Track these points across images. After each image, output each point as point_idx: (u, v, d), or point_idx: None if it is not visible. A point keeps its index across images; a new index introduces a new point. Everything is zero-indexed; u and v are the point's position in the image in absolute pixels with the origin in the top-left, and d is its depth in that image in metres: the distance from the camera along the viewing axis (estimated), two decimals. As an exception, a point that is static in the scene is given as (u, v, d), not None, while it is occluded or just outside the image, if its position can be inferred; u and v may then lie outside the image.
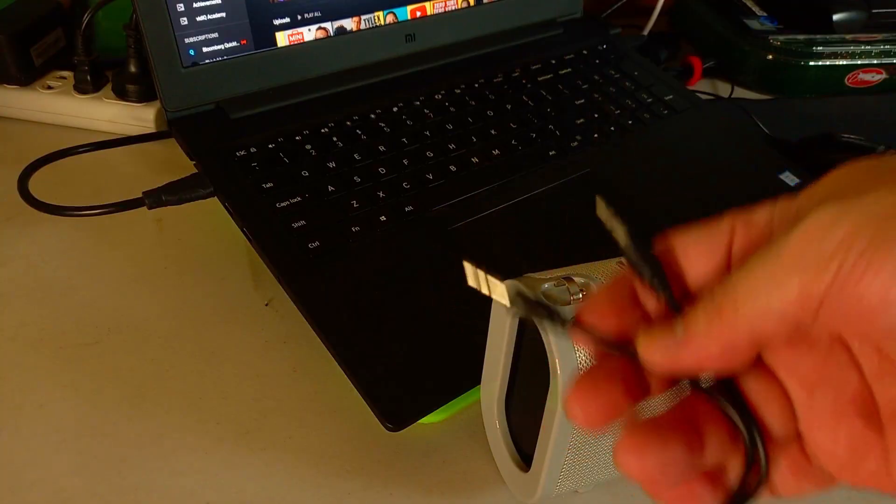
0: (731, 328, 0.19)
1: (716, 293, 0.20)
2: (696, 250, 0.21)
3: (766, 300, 0.18)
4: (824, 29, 0.69)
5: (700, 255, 0.21)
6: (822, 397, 0.20)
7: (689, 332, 0.20)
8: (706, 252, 0.21)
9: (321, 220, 0.43)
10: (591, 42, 0.64)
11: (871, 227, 0.17)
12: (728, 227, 0.21)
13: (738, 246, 0.21)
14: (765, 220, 0.21)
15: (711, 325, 0.19)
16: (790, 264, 0.18)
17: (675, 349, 0.20)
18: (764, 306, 0.18)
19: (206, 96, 0.49)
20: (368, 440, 0.38)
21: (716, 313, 0.19)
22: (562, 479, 0.31)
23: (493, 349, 0.33)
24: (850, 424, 0.20)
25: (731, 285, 0.19)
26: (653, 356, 0.20)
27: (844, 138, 0.59)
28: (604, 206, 0.22)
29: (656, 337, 0.20)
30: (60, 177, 0.52)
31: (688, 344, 0.20)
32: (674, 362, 0.20)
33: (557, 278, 0.29)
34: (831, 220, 0.18)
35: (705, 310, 0.20)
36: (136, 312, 0.44)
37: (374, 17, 0.54)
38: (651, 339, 0.20)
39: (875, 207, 0.17)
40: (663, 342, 0.20)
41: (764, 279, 0.18)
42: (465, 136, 0.51)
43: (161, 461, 0.36)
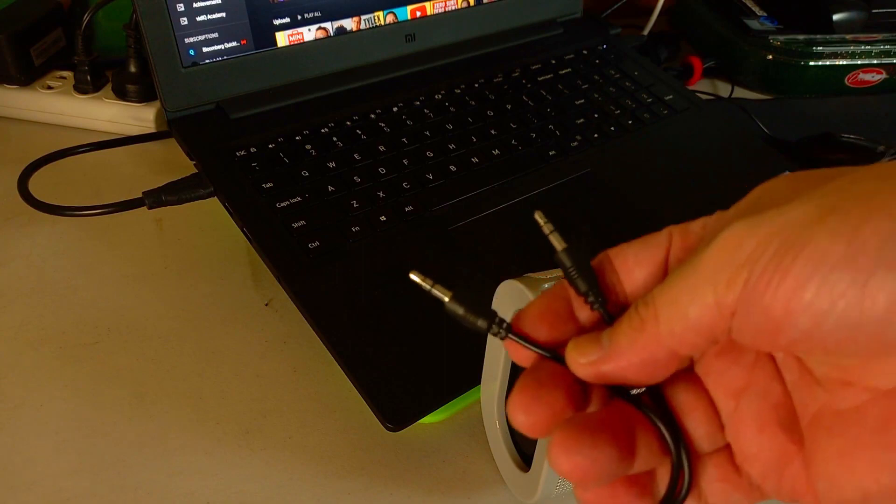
0: (652, 340, 0.19)
1: (639, 306, 0.20)
2: (635, 260, 0.22)
3: (683, 311, 0.19)
4: (824, 29, 0.69)
5: (638, 265, 0.22)
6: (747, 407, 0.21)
7: (613, 343, 0.20)
8: (644, 261, 0.21)
9: (321, 220, 0.43)
10: (591, 42, 0.64)
11: (777, 238, 0.17)
12: (666, 237, 0.21)
13: (675, 254, 0.21)
14: (700, 228, 0.21)
15: (634, 337, 0.20)
16: (705, 276, 0.18)
17: (599, 360, 0.20)
18: (682, 318, 0.19)
19: (206, 96, 0.49)
20: (368, 440, 0.38)
21: (638, 325, 0.20)
22: (562, 479, 0.31)
23: (493, 349, 0.33)
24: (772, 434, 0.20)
25: (652, 297, 0.20)
26: (578, 366, 0.21)
27: (844, 138, 0.59)
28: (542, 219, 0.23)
29: (582, 348, 0.21)
30: (60, 177, 0.52)
31: (611, 355, 0.20)
32: (598, 373, 0.20)
33: (557, 278, 0.29)
34: (743, 233, 0.18)
35: (629, 322, 0.20)
36: (136, 312, 0.44)
37: (374, 17, 0.54)
38: (577, 349, 0.21)
39: (782, 218, 0.18)
40: (588, 353, 0.21)
41: (682, 291, 0.19)
42: (465, 136, 0.51)
43: (161, 461, 0.36)
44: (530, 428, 0.21)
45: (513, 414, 0.21)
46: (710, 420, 0.22)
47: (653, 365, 0.20)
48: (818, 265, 0.17)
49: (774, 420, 0.20)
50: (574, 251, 0.22)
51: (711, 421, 0.22)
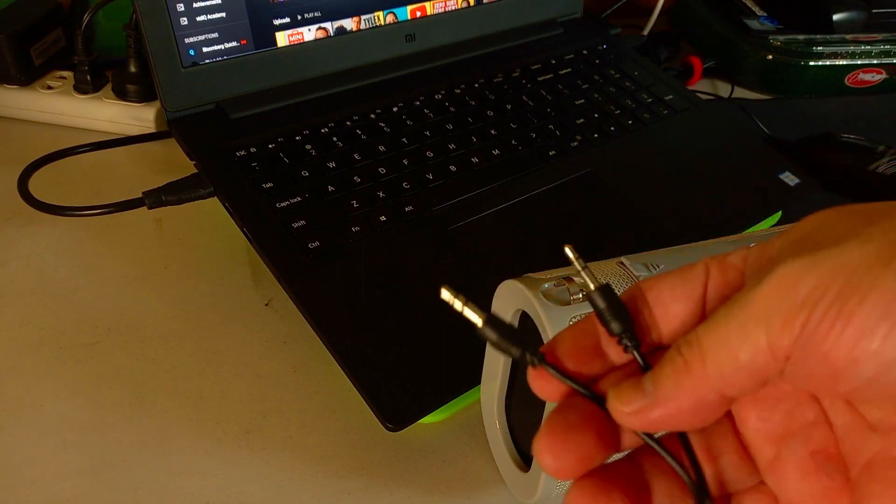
0: (700, 383, 0.19)
1: (682, 347, 0.19)
2: (671, 295, 0.21)
3: (734, 354, 0.18)
4: (824, 29, 0.69)
5: (674, 300, 0.21)
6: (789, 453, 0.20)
7: (659, 389, 0.19)
8: (680, 297, 0.21)
9: (321, 220, 0.43)
10: (591, 42, 0.64)
11: (837, 281, 0.16)
12: (703, 270, 0.21)
13: (713, 289, 0.20)
14: (739, 262, 0.20)
15: (680, 381, 0.19)
16: (757, 317, 0.17)
17: (645, 408, 0.19)
18: (732, 360, 0.18)
19: (206, 96, 0.49)
20: (368, 440, 0.38)
21: (684, 367, 0.19)
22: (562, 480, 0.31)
23: (493, 349, 0.33)
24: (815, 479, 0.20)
25: (698, 338, 0.19)
26: (623, 415, 0.20)
27: (844, 138, 0.59)
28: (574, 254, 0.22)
29: (625, 396, 0.20)
30: (60, 177, 0.52)
31: (658, 402, 0.19)
32: (645, 419, 0.19)
33: (557, 278, 0.29)
34: (799, 273, 0.17)
35: (673, 365, 0.19)
36: (136, 312, 0.44)
37: (374, 17, 0.54)
38: (620, 398, 0.20)
39: (842, 260, 0.17)
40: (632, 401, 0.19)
41: (731, 331, 0.18)
42: (465, 136, 0.51)
43: (161, 461, 0.36)
44: (558, 472, 0.20)
45: (540, 457, 0.20)
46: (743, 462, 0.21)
47: (702, 409, 0.19)
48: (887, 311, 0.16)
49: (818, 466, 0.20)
50: (608, 290, 0.21)
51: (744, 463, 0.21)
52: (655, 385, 0.19)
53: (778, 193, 0.51)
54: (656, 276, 0.21)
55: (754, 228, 0.49)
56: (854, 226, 0.18)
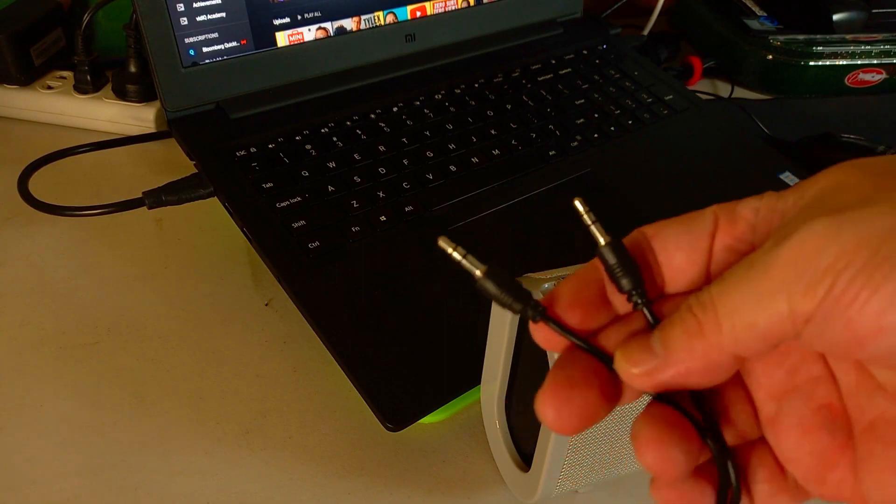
0: (713, 346, 0.18)
1: (695, 308, 0.19)
2: (675, 244, 0.20)
3: (751, 318, 0.17)
4: (824, 29, 0.69)
5: (679, 250, 0.20)
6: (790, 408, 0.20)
7: (669, 349, 0.19)
8: (685, 247, 0.20)
9: (321, 220, 0.43)
10: (591, 42, 0.64)
11: (867, 247, 0.16)
12: (710, 220, 0.20)
13: (721, 241, 0.20)
14: (750, 215, 0.20)
15: (692, 343, 0.18)
16: (778, 282, 0.17)
17: (655, 367, 0.19)
18: (748, 325, 0.17)
19: (206, 96, 0.49)
20: (368, 440, 0.38)
21: (696, 329, 0.18)
22: (562, 479, 0.31)
23: (493, 349, 0.33)
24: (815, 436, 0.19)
25: (712, 300, 0.18)
26: (632, 375, 0.19)
27: (844, 138, 0.59)
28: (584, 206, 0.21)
29: (633, 356, 0.19)
30: (60, 177, 0.52)
31: (668, 363, 0.19)
32: (654, 380, 0.19)
33: (557, 278, 0.29)
34: (824, 237, 0.16)
35: (684, 326, 0.19)
36: (136, 312, 0.44)
37: (374, 17, 0.54)
38: (628, 358, 0.19)
39: (872, 225, 0.16)
40: (642, 362, 0.19)
41: (749, 296, 0.17)
42: (465, 136, 0.51)
43: (161, 461, 0.36)
44: (561, 427, 0.19)
45: (543, 411, 0.19)
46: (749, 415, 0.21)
47: (713, 370, 0.19)
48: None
49: (818, 423, 0.19)
50: (618, 245, 0.20)
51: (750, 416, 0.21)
52: (665, 346, 0.19)
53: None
54: (661, 221, 0.21)
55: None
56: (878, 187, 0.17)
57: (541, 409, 0.20)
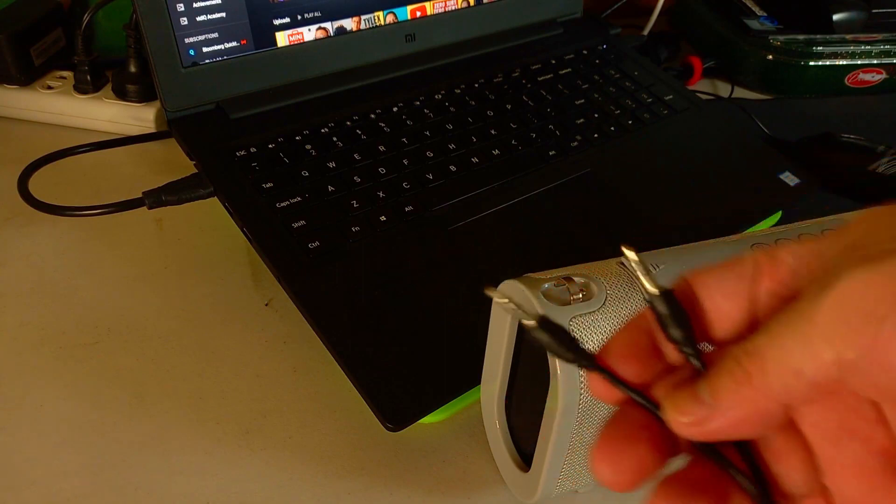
0: (761, 393, 0.18)
1: (741, 357, 0.19)
2: (720, 292, 0.20)
3: (797, 367, 0.18)
4: (824, 29, 0.69)
5: (724, 298, 0.20)
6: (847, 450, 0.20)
7: (718, 398, 0.19)
8: (730, 294, 0.20)
9: (321, 220, 0.43)
10: (591, 42, 0.64)
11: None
12: (751, 266, 0.20)
13: (766, 287, 0.20)
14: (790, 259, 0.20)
15: (741, 391, 0.19)
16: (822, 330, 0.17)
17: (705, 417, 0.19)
18: (795, 374, 0.18)
19: (206, 96, 0.49)
20: (368, 440, 0.38)
21: (744, 378, 0.18)
22: (562, 479, 0.31)
23: (493, 349, 0.33)
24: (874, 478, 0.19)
25: (758, 349, 0.18)
26: (680, 423, 0.19)
27: (844, 138, 0.59)
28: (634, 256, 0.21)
29: (681, 405, 0.19)
30: (60, 177, 0.52)
31: (716, 412, 0.19)
32: (703, 429, 0.19)
33: (557, 278, 0.29)
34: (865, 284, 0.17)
35: (732, 374, 0.19)
36: (136, 312, 0.44)
37: (374, 17, 0.54)
38: (676, 407, 0.19)
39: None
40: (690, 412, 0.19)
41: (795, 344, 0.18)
42: (465, 136, 0.51)
43: (161, 461, 0.36)
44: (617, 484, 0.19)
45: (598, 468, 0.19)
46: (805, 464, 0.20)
47: (762, 419, 0.19)
48: None
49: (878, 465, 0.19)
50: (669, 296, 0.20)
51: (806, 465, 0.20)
52: (713, 395, 0.19)
53: (778, 193, 0.51)
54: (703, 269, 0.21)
55: (754, 228, 0.49)
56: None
57: (596, 466, 0.20)
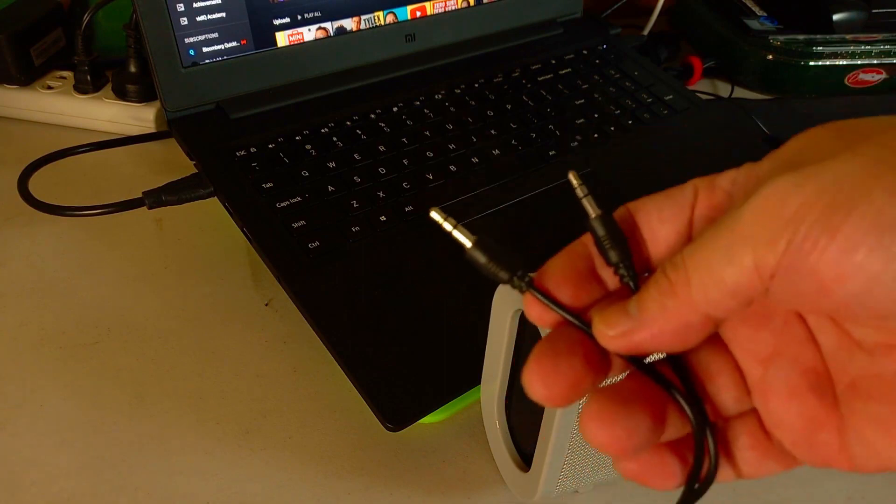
0: (685, 305, 0.18)
1: (668, 269, 0.19)
2: (658, 217, 0.21)
3: (718, 274, 0.18)
4: (824, 29, 0.69)
5: (662, 223, 0.21)
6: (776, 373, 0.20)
7: (643, 311, 0.19)
8: (668, 219, 0.20)
9: (321, 220, 0.43)
10: (591, 42, 0.64)
11: (824, 196, 0.16)
12: (691, 192, 0.21)
13: (700, 211, 0.20)
14: (727, 184, 0.20)
15: (665, 304, 0.19)
16: (743, 237, 0.17)
17: (630, 331, 0.19)
18: (717, 281, 0.18)
19: (206, 96, 0.49)
20: (368, 440, 0.38)
21: (669, 290, 0.19)
22: (562, 479, 0.31)
23: (493, 349, 0.33)
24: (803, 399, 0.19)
25: (683, 260, 0.19)
26: (607, 337, 0.20)
27: (844, 138, 0.59)
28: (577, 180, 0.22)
29: (610, 319, 0.20)
30: (60, 177, 0.52)
31: (642, 324, 0.19)
32: (629, 342, 0.19)
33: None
34: (786, 190, 0.17)
35: (658, 287, 0.19)
36: (136, 312, 0.44)
37: (374, 17, 0.54)
38: (605, 321, 0.20)
39: (830, 175, 0.16)
40: (617, 324, 0.19)
41: (716, 253, 0.18)
42: (465, 135, 0.51)
43: (161, 461, 0.36)
44: (549, 398, 0.19)
45: (530, 384, 0.20)
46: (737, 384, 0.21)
47: (686, 331, 0.19)
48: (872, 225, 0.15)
49: (805, 385, 0.19)
50: (608, 218, 0.21)
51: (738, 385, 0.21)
52: (640, 307, 0.19)
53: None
54: (645, 197, 0.21)
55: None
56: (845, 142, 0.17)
57: (528, 381, 0.20)
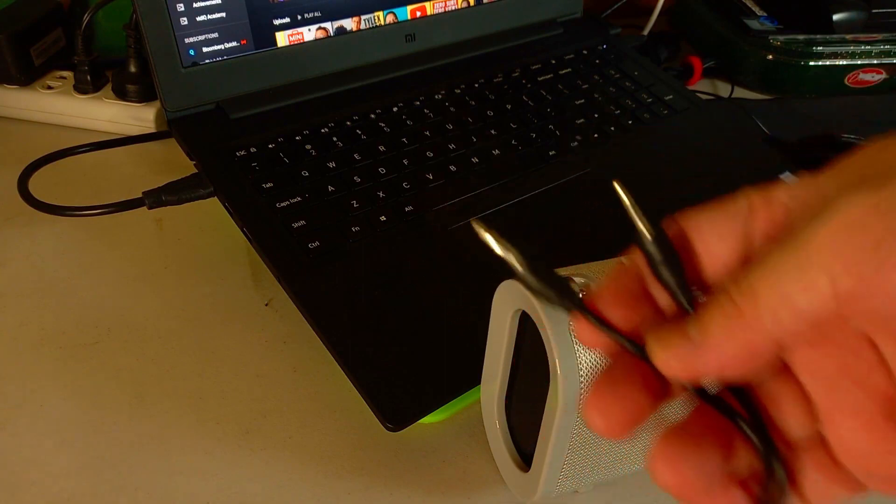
0: (752, 329, 0.17)
1: (733, 291, 0.18)
2: (713, 232, 0.19)
3: (791, 298, 0.17)
4: (824, 29, 0.69)
5: (718, 239, 0.19)
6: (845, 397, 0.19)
7: (706, 335, 0.18)
8: (724, 235, 0.19)
9: (321, 220, 0.43)
10: (591, 42, 0.64)
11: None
12: (745, 205, 0.19)
13: (759, 227, 0.19)
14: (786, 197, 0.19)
15: (730, 327, 0.18)
16: (818, 260, 0.16)
17: (692, 355, 0.18)
18: (789, 305, 0.17)
19: (206, 96, 0.49)
20: (368, 440, 0.38)
21: (734, 312, 0.18)
22: (562, 479, 0.31)
23: (493, 349, 0.33)
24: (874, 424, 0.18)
25: (750, 282, 0.17)
26: (667, 363, 0.18)
27: (844, 138, 0.59)
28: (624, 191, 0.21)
29: (669, 341, 0.18)
30: (60, 177, 0.52)
31: (705, 349, 0.18)
32: (690, 369, 0.18)
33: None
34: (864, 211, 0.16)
35: (722, 310, 0.18)
36: (136, 312, 0.44)
37: (374, 17, 0.54)
38: (664, 343, 0.19)
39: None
40: (675, 347, 0.18)
41: (788, 275, 0.17)
42: (465, 136, 0.51)
43: (161, 461, 0.36)
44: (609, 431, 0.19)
45: (589, 418, 0.19)
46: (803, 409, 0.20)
47: (751, 356, 0.18)
48: None
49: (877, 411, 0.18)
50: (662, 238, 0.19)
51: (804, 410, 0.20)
52: (702, 331, 0.18)
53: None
54: (695, 211, 0.20)
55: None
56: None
57: (587, 415, 0.19)
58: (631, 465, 0.33)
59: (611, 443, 0.30)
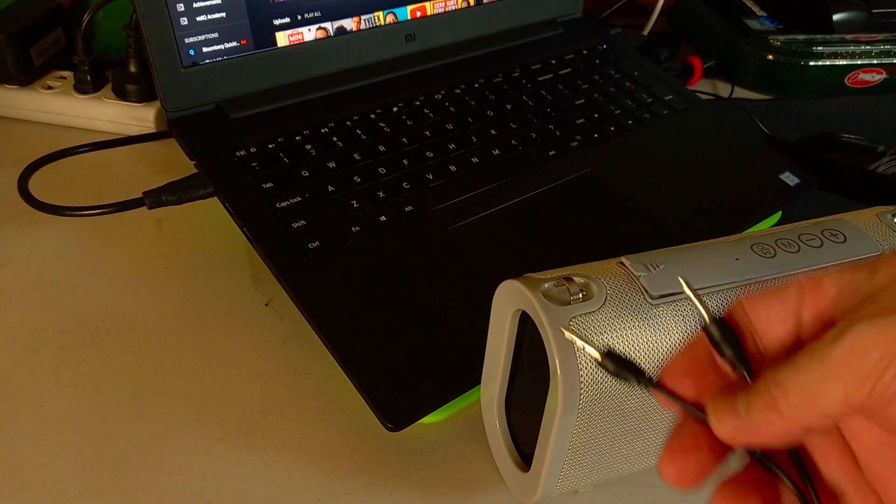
0: (784, 419, 0.21)
1: (770, 384, 0.21)
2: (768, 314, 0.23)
3: (813, 401, 0.20)
4: (824, 29, 0.69)
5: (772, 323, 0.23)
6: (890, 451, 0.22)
7: (750, 416, 0.21)
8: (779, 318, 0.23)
9: (321, 220, 0.43)
10: (591, 42, 0.64)
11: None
12: (797, 293, 0.23)
13: (808, 312, 0.23)
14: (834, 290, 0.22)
15: (768, 414, 0.21)
16: (834, 374, 0.20)
17: (739, 429, 0.22)
18: (812, 406, 0.20)
19: (206, 96, 0.49)
20: (368, 440, 0.38)
21: (771, 403, 0.21)
22: (562, 479, 0.31)
23: (493, 349, 0.33)
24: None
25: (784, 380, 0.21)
26: (721, 430, 0.22)
27: (844, 138, 0.59)
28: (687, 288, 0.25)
29: (720, 413, 0.22)
30: (60, 177, 0.52)
31: (749, 425, 0.22)
32: (739, 438, 0.22)
33: (557, 278, 0.29)
34: (872, 338, 0.19)
35: (761, 398, 0.21)
36: (136, 312, 0.44)
37: (374, 17, 0.54)
38: (718, 415, 0.22)
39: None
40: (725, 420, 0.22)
41: (812, 382, 0.20)
42: (465, 136, 0.51)
43: (161, 461, 0.36)
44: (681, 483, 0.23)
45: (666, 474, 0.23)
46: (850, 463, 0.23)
47: (787, 436, 0.21)
48: None
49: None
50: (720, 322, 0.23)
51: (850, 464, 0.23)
52: (747, 411, 0.22)
53: (778, 193, 0.51)
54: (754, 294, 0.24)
55: (754, 228, 0.49)
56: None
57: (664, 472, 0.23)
58: (631, 465, 0.33)
59: (611, 443, 0.30)
